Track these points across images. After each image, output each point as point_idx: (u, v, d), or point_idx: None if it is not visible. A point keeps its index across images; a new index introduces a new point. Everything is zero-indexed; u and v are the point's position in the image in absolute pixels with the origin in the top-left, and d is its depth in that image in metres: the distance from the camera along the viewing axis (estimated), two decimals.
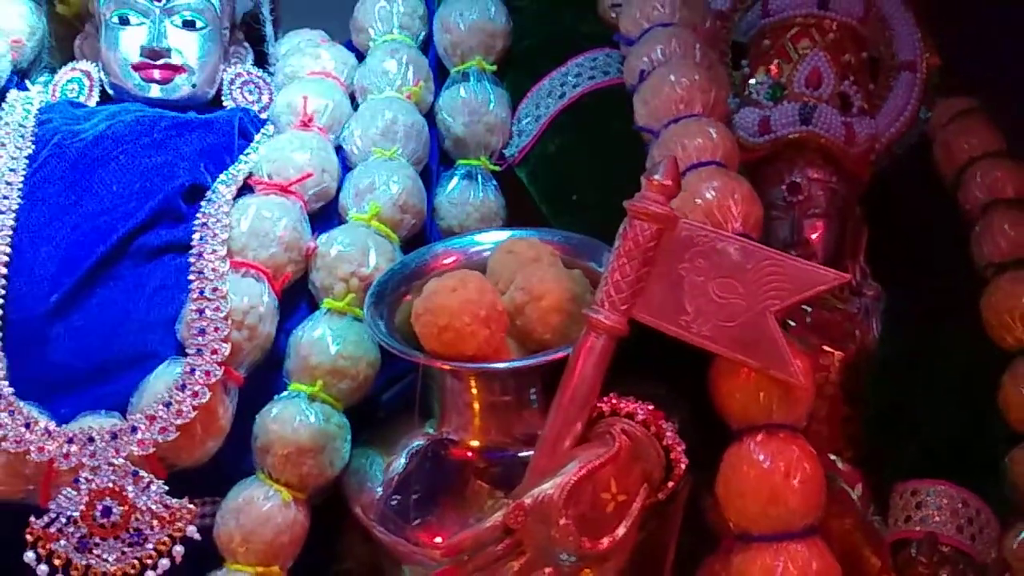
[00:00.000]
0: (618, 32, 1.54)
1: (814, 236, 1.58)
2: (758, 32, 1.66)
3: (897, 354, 1.57)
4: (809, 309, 1.57)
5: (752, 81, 1.62)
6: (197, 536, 1.26)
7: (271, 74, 1.58)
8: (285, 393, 1.34)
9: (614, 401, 1.17)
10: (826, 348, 1.58)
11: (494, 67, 1.56)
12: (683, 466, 1.17)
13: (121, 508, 1.24)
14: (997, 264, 1.58)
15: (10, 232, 1.31)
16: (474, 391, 1.26)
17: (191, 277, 1.33)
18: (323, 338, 1.34)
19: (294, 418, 1.31)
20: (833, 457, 1.54)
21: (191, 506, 1.26)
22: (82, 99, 1.51)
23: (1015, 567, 1.45)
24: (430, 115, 1.55)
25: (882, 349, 1.58)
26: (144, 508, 1.25)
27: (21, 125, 1.41)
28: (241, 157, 1.46)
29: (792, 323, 1.56)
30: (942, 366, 1.54)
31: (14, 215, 1.33)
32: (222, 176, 1.42)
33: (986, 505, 1.45)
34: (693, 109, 1.38)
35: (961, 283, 1.60)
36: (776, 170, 1.58)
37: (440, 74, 1.58)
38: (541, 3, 1.61)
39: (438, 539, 1.24)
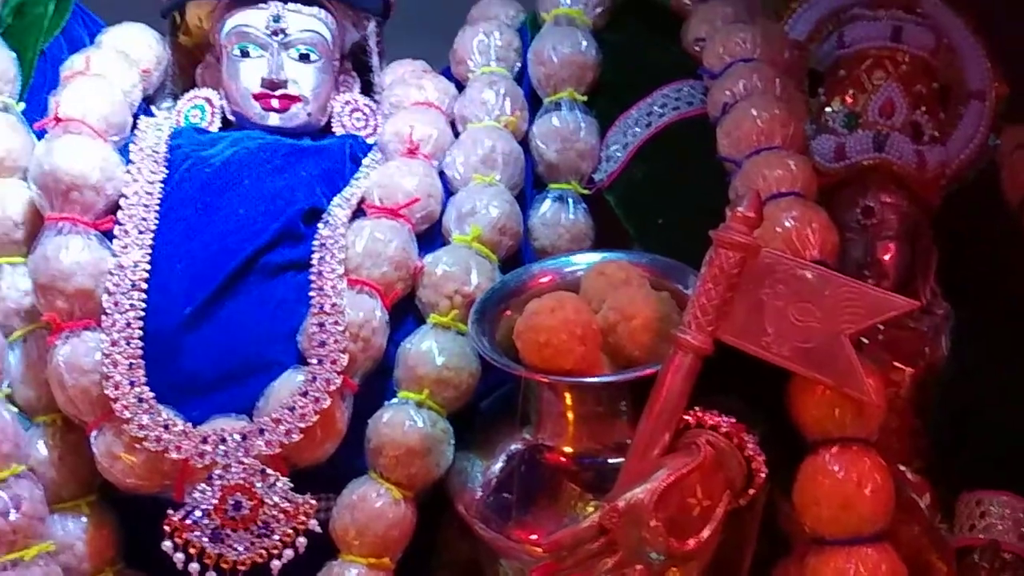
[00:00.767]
0: (702, 66, 1.66)
1: (886, 257, 1.68)
2: (834, 62, 1.77)
3: (964, 370, 1.67)
4: (882, 328, 1.68)
5: (828, 109, 1.73)
6: (318, 529, 1.40)
7: (377, 102, 1.72)
8: (395, 400, 1.47)
9: (699, 414, 1.29)
10: (897, 365, 1.69)
11: (584, 97, 1.68)
12: (763, 475, 1.29)
13: (250, 503, 1.39)
14: None
15: (149, 251, 1.46)
16: (569, 402, 1.39)
17: (312, 293, 1.46)
18: (429, 350, 1.47)
19: (403, 423, 1.45)
20: (903, 468, 1.65)
21: (313, 501, 1.40)
22: (204, 124, 1.65)
23: None
24: (524, 141, 1.67)
25: (950, 365, 1.68)
26: (271, 503, 1.39)
27: (154, 151, 1.56)
28: (352, 181, 1.59)
29: (866, 341, 1.66)
30: (1007, 381, 1.64)
31: (152, 235, 1.47)
32: (337, 200, 1.55)
33: None
34: (773, 141, 1.50)
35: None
36: (851, 194, 1.69)
37: (534, 103, 1.70)
38: (629, 37, 1.73)
39: (533, 536, 1.37)
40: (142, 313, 1.43)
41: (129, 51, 1.64)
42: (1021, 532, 1.54)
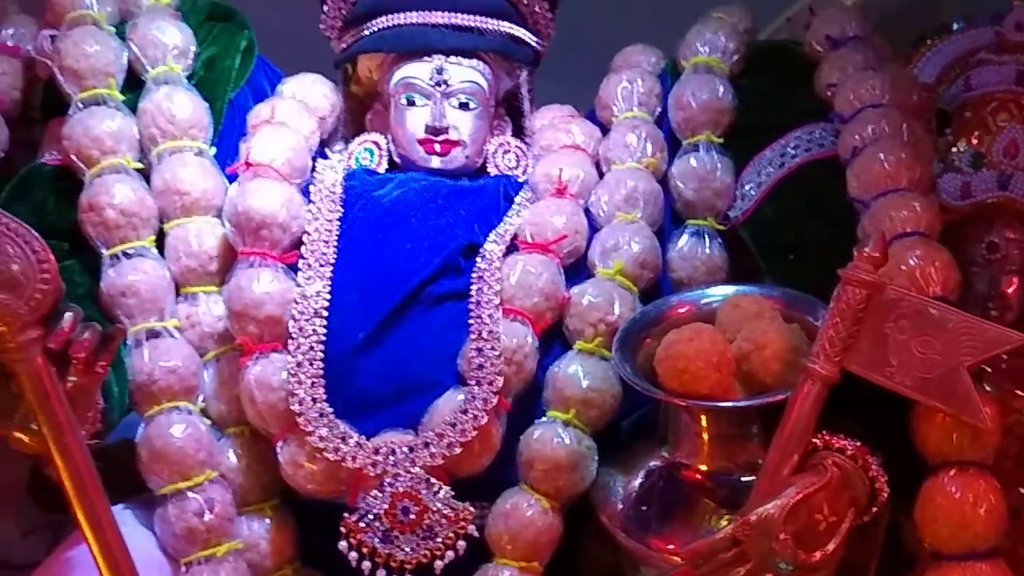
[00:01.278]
0: (834, 110, 1.78)
1: (1010, 290, 1.78)
2: (960, 104, 1.87)
3: None
4: (1005, 357, 1.77)
5: (955, 149, 1.83)
6: (476, 534, 1.57)
7: (528, 143, 1.88)
8: (544, 419, 1.63)
9: (827, 437, 1.42)
10: (1018, 392, 1.78)
11: (720, 139, 1.81)
12: (885, 494, 1.41)
13: (416, 508, 1.56)
14: None
15: (328, 282, 1.64)
16: (704, 424, 1.52)
17: (470, 321, 1.63)
18: (576, 374, 1.62)
19: (552, 440, 1.60)
20: (1022, 490, 1.75)
21: (472, 508, 1.57)
22: (372, 165, 1.82)
23: None
24: (664, 180, 1.81)
25: None
26: (435, 509, 1.56)
27: (331, 191, 1.74)
28: (505, 218, 1.75)
29: (989, 369, 1.76)
30: None
31: (331, 268, 1.66)
32: (492, 236, 1.71)
33: None
34: (899, 184, 1.61)
35: None
36: (976, 230, 1.78)
37: (673, 144, 1.84)
38: (763, 82, 1.85)
39: (671, 546, 1.51)
40: (323, 338, 1.61)
41: (307, 100, 1.83)
42: None
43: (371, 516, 1.56)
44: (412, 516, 1.56)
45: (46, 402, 1.30)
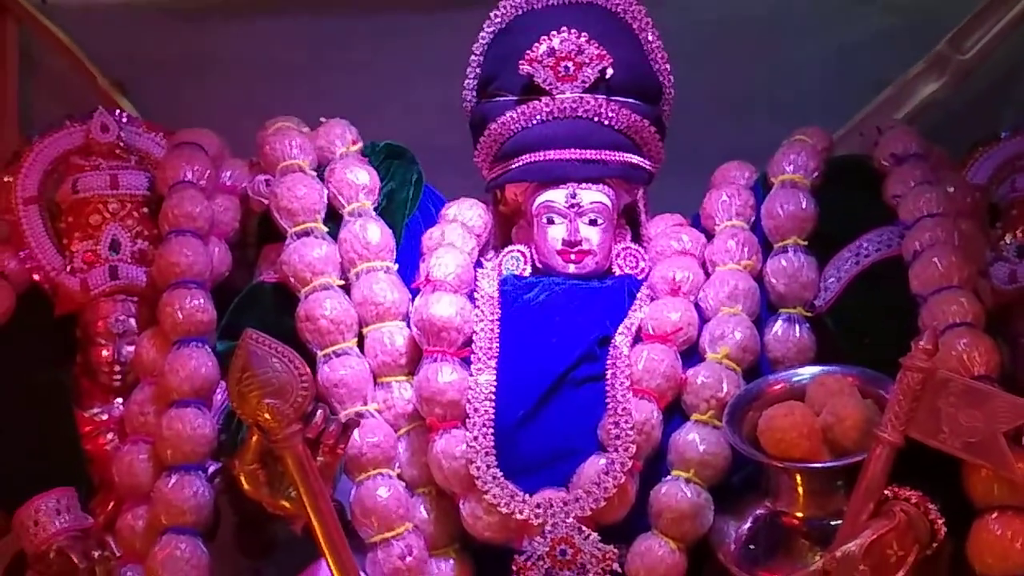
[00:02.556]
0: (899, 216, 2.19)
1: None
2: (1008, 203, 2.27)
3: None
4: None
5: (1003, 241, 2.23)
6: (619, 570, 2.00)
7: (644, 248, 2.31)
8: (669, 477, 2.05)
9: (895, 489, 1.82)
10: None
11: (805, 242, 2.22)
12: (943, 534, 1.82)
13: (571, 550, 1.99)
14: None
15: (495, 372, 2.09)
16: (799, 481, 1.94)
17: (607, 400, 2.06)
18: (694, 440, 2.04)
19: (677, 494, 2.02)
20: None
21: (615, 550, 2.00)
22: (518, 271, 2.27)
23: None
24: (759, 277, 2.23)
25: None
26: (586, 551, 1.99)
27: (491, 296, 2.19)
28: (630, 313, 2.17)
29: None
30: None
31: (496, 360, 2.11)
32: (620, 328, 2.14)
33: None
34: (951, 282, 2.01)
35: None
36: (1022, 309, 2.19)
37: (765, 245, 2.25)
38: (840, 193, 2.25)
39: None
40: (492, 416, 2.05)
41: (467, 221, 2.29)
42: None
43: (536, 557, 2.00)
44: (568, 556, 2.00)
45: (305, 478, 1.77)
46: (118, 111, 2.40)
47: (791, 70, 2.91)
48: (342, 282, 2.18)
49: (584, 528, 2.00)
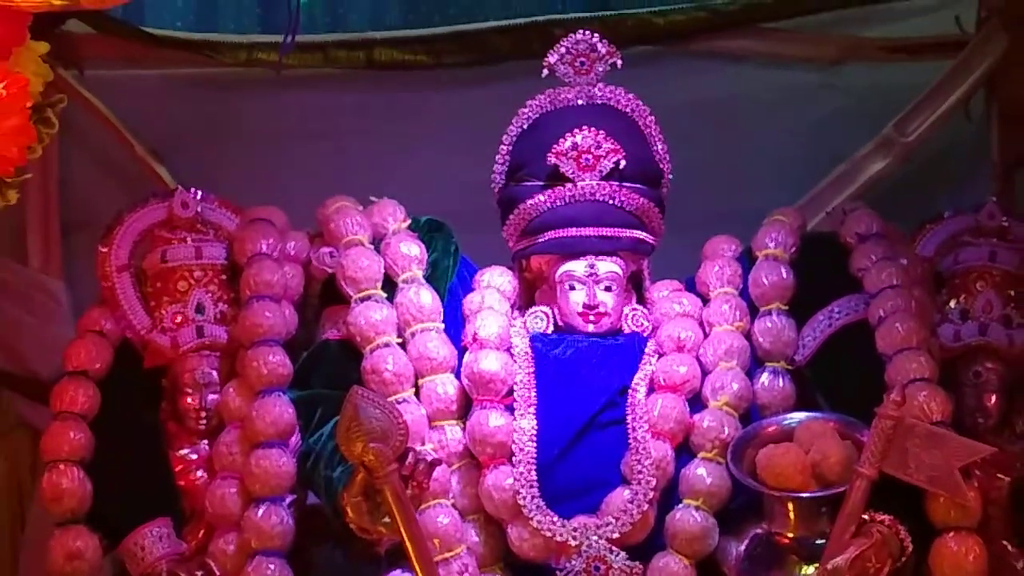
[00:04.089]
0: (863, 287, 2.66)
1: (990, 404, 2.65)
2: (952, 273, 2.74)
3: None
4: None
5: (948, 306, 2.70)
6: None
7: (648, 308, 2.74)
8: (681, 504, 2.46)
9: (872, 514, 2.28)
10: (1000, 476, 2.65)
11: (786, 306, 2.67)
12: (910, 550, 2.28)
13: (603, 566, 2.40)
14: None
15: (534, 417, 2.51)
16: (791, 507, 2.37)
17: (629, 440, 2.47)
18: (702, 474, 2.46)
19: (688, 519, 2.44)
20: (1005, 542, 2.61)
21: (640, 566, 2.43)
22: (541, 328, 2.67)
23: None
24: (747, 335, 2.68)
25: None
26: (616, 567, 2.39)
27: (524, 351, 2.60)
28: (642, 366, 2.59)
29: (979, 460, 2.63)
30: None
31: (534, 407, 2.53)
32: (636, 379, 2.55)
33: None
34: (911, 344, 2.46)
35: None
36: (966, 362, 2.65)
37: (752, 309, 2.69)
38: (814, 264, 2.68)
39: None
40: (534, 454, 2.47)
41: (498, 286, 2.71)
42: None
43: (573, 573, 2.42)
44: (600, 571, 2.42)
45: (402, 507, 2.18)
46: (193, 189, 2.76)
47: (758, 147, 3.40)
48: (400, 340, 2.57)
49: (614, 548, 2.42)
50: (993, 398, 2.65)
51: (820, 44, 3.40)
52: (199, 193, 2.74)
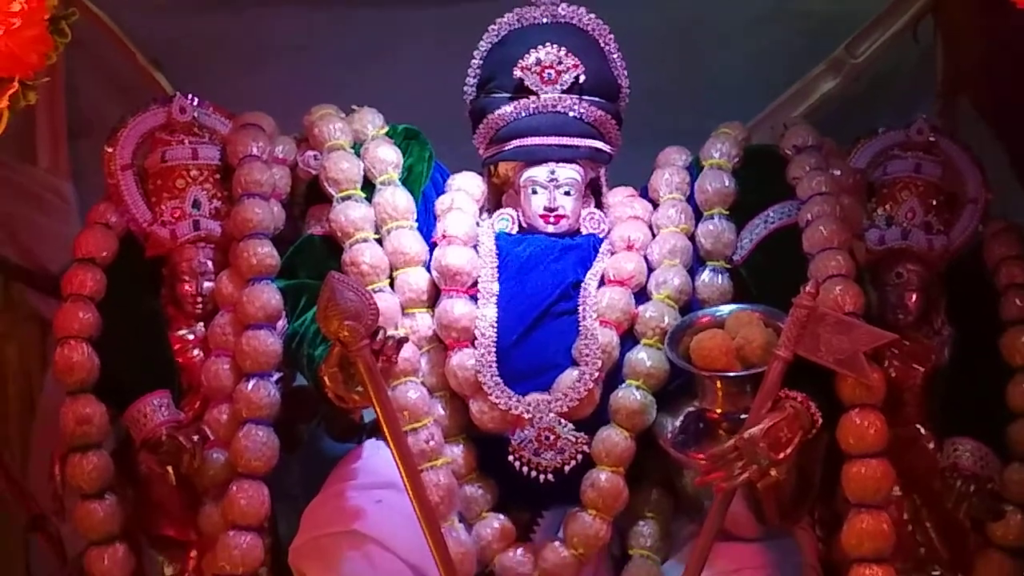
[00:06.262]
0: (796, 194, 3.00)
1: (911, 302, 2.98)
2: (880, 183, 3.07)
3: (953, 369, 3.00)
4: (907, 344, 3.00)
5: (876, 213, 3.04)
6: (587, 450, 2.78)
7: (604, 212, 3.09)
8: (623, 384, 2.81)
9: (787, 392, 2.63)
10: (915, 366, 3.01)
11: (727, 212, 3.00)
12: (819, 423, 2.64)
13: (552, 436, 2.73)
14: (1013, 318, 2.98)
15: (496, 307, 2.85)
16: (719, 386, 2.69)
17: (579, 328, 2.79)
18: (643, 358, 2.77)
19: (629, 396, 2.72)
20: (918, 426, 2.96)
21: (586, 436, 2.76)
22: (508, 228, 3.00)
23: (1011, 489, 2.87)
24: (692, 237, 3.01)
25: (948, 365, 3.01)
26: (564, 437, 2.73)
27: (490, 248, 2.94)
28: (595, 263, 2.91)
29: (895, 351, 2.99)
30: (977, 377, 2.97)
31: (496, 297, 2.87)
32: (588, 275, 2.85)
33: (992, 451, 2.87)
34: (832, 244, 2.77)
35: (995, 327, 3.00)
36: (889, 264, 2.97)
37: (697, 214, 3.02)
38: (754, 173, 3.00)
39: (701, 456, 2.73)
40: (494, 339, 2.81)
41: (468, 190, 3.05)
42: (974, 460, 2.87)
43: (526, 441, 2.77)
44: (550, 440, 2.77)
45: (372, 377, 2.53)
46: (190, 95, 3.09)
47: (718, 68, 3.72)
48: (377, 236, 2.92)
49: (563, 420, 2.78)
50: (913, 297, 2.96)
51: None
52: (195, 99, 3.05)
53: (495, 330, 2.80)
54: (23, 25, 2.18)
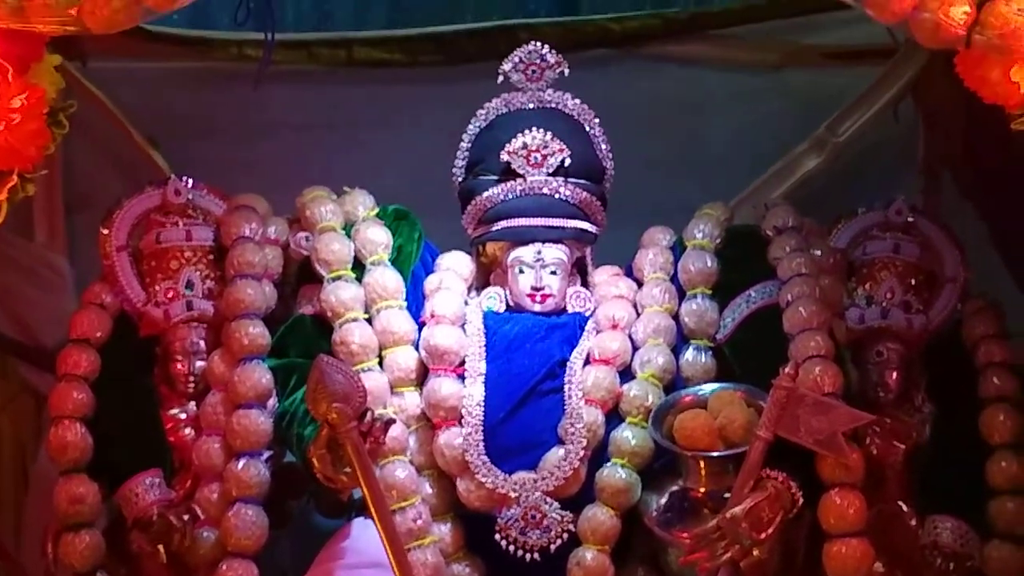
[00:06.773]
0: (776, 275, 3.08)
1: (891, 380, 3.05)
2: (860, 263, 3.14)
3: (935, 448, 3.06)
4: (888, 421, 3.07)
5: (856, 292, 3.11)
6: (573, 529, 2.83)
7: (590, 290, 3.15)
8: (608, 463, 2.87)
9: (768, 471, 2.68)
10: (896, 443, 3.07)
11: (710, 291, 3.06)
12: (800, 502, 2.70)
13: (539, 515, 2.80)
14: (991, 396, 3.05)
15: (483, 385, 2.92)
16: (702, 465, 2.76)
17: (565, 407, 2.85)
18: (628, 437, 2.84)
19: (615, 475, 2.82)
20: (900, 502, 3.01)
21: (570, 515, 2.83)
22: (495, 307, 3.08)
23: (990, 566, 2.93)
24: (675, 316, 3.07)
25: (929, 444, 3.08)
26: (550, 516, 2.79)
27: (477, 328, 3.01)
28: (581, 342, 2.97)
29: (877, 429, 3.06)
30: (958, 456, 3.03)
31: (483, 377, 2.94)
32: (574, 354, 2.92)
33: (971, 528, 2.93)
34: (811, 325, 2.83)
35: (975, 405, 3.08)
36: (869, 343, 3.02)
37: (680, 293, 3.09)
38: (736, 254, 3.07)
39: (685, 535, 2.78)
40: (481, 418, 2.87)
41: (456, 269, 3.13)
42: (954, 538, 2.92)
43: (513, 519, 2.83)
44: (536, 519, 2.83)
45: (360, 459, 2.59)
46: (185, 178, 3.17)
47: (704, 144, 3.82)
48: (367, 315, 3.00)
49: (549, 499, 2.83)
50: (894, 375, 3.02)
51: (764, 50, 3.78)
52: (190, 181, 3.13)
53: (482, 409, 2.87)
54: (23, 120, 2.26)
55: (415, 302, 3.02)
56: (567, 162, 2.96)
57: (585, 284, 3.09)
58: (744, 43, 3.78)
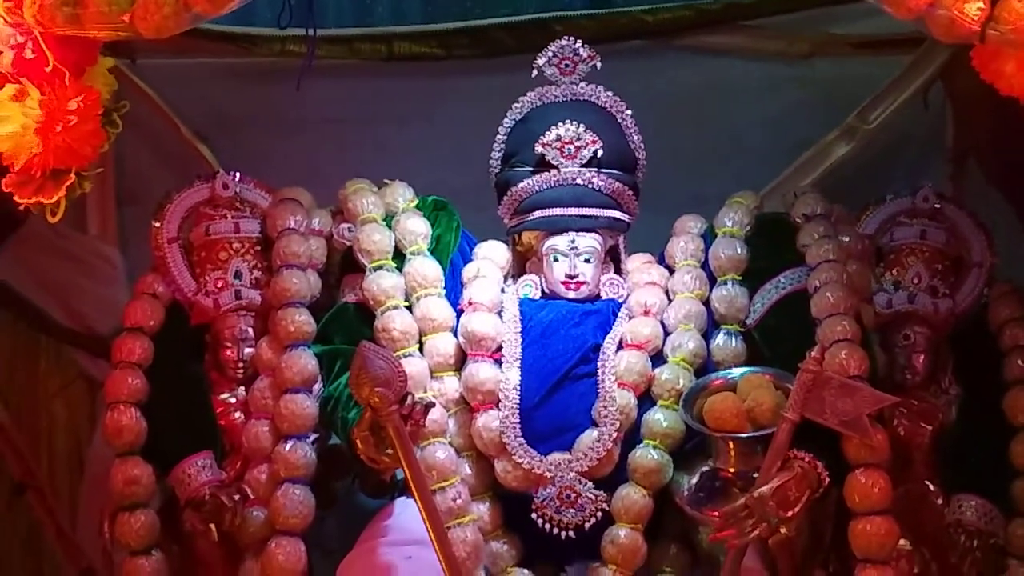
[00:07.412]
0: (805, 261, 3.17)
1: (918, 363, 3.13)
2: (888, 249, 3.24)
3: (961, 428, 3.15)
4: (915, 403, 3.15)
5: (884, 277, 3.20)
6: (607, 507, 2.93)
7: (623, 277, 3.25)
8: (641, 445, 2.97)
9: (795, 452, 2.78)
10: (923, 425, 3.16)
11: (740, 277, 3.16)
12: (826, 482, 2.79)
13: (573, 494, 2.91)
14: (1016, 379, 3.13)
15: (519, 370, 3.03)
16: (731, 446, 2.86)
17: (599, 390, 2.97)
18: (659, 419, 2.94)
19: (647, 456, 2.95)
20: (927, 482, 3.10)
21: (604, 495, 2.93)
22: (531, 294, 3.20)
23: (1014, 544, 3.01)
24: (706, 302, 3.17)
25: (955, 424, 3.16)
26: (584, 495, 2.91)
27: (514, 315, 3.13)
28: (614, 327, 3.09)
29: (904, 410, 3.15)
30: (983, 436, 3.11)
31: (519, 361, 3.05)
32: (607, 339, 3.03)
33: (996, 508, 3.01)
34: (838, 310, 2.92)
35: (1000, 387, 3.15)
36: (897, 327, 3.11)
37: (712, 280, 3.16)
38: (765, 241, 3.17)
39: (715, 513, 2.88)
40: (517, 401, 2.99)
41: (494, 258, 3.23)
42: (979, 517, 3.01)
43: (549, 499, 2.94)
44: (571, 498, 2.94)
45: (402, 441, 2.71)
46: (232, 172, 3.30)
47: (736, 133, 3.90)
48: (407, 303, 3.11)
49: (583, 479, 2.94)
50: (921, 358, 3.11)
51: (793, 40, 3.85)
52: (237, 175, 3.25)
53: (519, 392, 2.97)
54: (79, 121, 2.39)
55: (453, 290, 3.13)
56: (600, 153, 3.06)
57: (619, 271, 3.19)
58: (775, 33, 3.85)
